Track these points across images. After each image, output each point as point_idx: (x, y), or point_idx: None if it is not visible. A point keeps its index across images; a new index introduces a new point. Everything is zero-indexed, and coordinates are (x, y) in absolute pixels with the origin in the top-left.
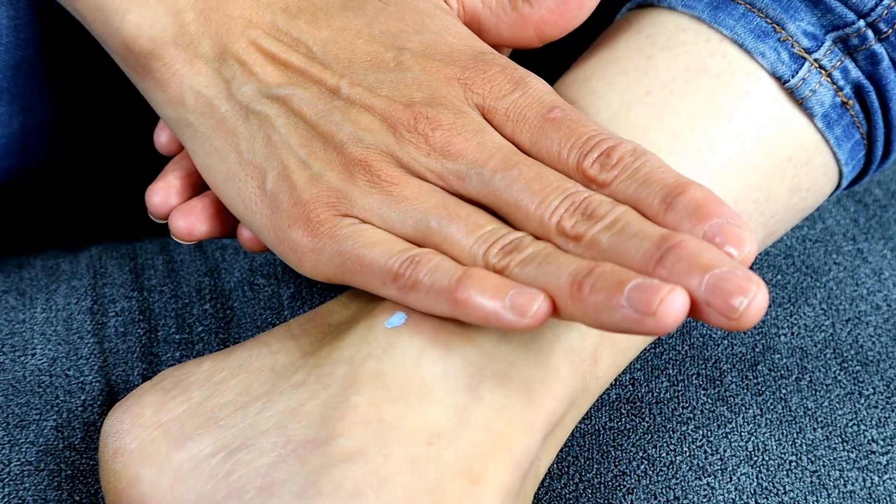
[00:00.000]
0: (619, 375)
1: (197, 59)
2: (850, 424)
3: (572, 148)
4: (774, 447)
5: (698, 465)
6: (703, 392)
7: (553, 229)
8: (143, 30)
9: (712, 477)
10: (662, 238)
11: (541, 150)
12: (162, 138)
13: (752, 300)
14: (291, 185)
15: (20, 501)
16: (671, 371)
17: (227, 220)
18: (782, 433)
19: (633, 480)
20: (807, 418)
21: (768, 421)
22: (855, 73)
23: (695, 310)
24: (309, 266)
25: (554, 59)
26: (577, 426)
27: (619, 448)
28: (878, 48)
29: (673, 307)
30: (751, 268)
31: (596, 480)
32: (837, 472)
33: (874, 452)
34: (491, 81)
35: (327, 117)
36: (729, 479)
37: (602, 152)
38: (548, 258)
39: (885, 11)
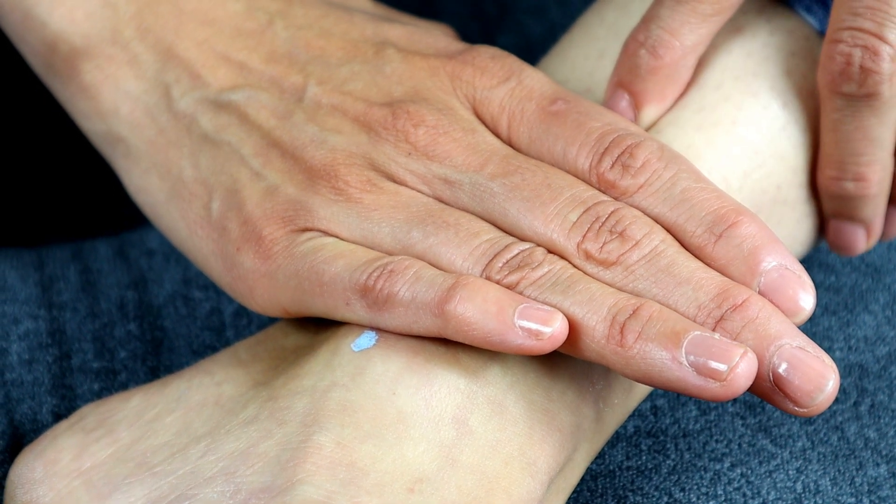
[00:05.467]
0: (639, 404)
1: (135, 61)
2: None
3: (582, 146)
4: (829, 487)
5: None
6: (740, 421)
7: (572, 250)
8: (76, 24)
9: None
10: (723, 293)
11: (541, 149)
12: None
13: (832, 388)
14: (241, 201)
15: None
16: None
17: None
18: (838, 470)
19: None
20: (868, 451)
21: (821, 455)
22: None
23: (754, 384)
24: (262, 296)
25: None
26: (588, 467)
27: (640, 492)
28: None
29: (746, 374)
30: None
31: None
32: None
33: None
34: (482, 70)
35: (288, 120)
36: None
37: (623, 150)
38: (574, 283)
39: None
